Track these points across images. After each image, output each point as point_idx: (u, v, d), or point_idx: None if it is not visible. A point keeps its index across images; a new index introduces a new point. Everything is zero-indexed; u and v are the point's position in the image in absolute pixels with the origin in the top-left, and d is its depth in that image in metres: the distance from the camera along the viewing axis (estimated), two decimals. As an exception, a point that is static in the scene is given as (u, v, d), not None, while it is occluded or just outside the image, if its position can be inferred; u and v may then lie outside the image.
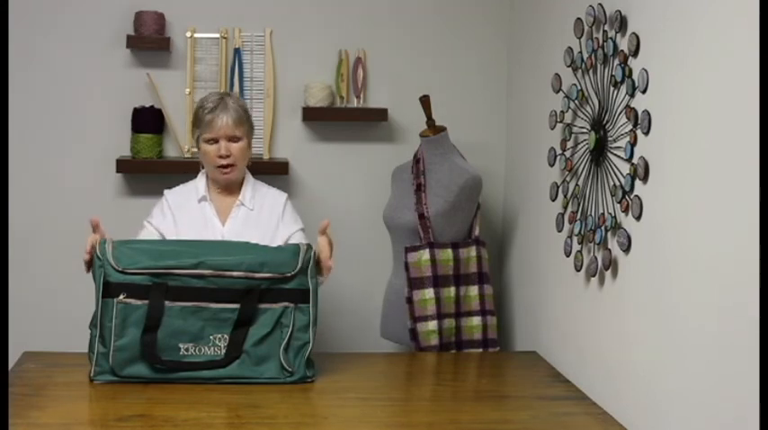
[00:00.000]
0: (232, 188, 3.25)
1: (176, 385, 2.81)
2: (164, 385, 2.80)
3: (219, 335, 2.84)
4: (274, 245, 3.05)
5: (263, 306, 2.85)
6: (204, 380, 2.82)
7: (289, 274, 2.86)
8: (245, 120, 3.22)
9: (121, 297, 2.79)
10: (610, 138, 2.74)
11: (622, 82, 2.64)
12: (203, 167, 3.28)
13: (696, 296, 2.25)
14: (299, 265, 2.87)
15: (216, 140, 3.17)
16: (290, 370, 2.85)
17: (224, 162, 3.17)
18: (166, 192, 3.28)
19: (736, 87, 2.07)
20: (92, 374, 2.82)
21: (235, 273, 2.83)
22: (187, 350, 2.83)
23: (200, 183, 3.26)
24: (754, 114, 1.96)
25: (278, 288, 2.86)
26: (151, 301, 2.79)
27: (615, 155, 2.70)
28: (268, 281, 2.84)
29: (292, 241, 3.18)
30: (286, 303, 2.87)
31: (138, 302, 2.80)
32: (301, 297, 2.87)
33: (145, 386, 2.81)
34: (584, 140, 2.92)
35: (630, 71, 2.60)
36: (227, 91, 3.54)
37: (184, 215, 3.20)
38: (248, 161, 3.29)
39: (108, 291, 2.81)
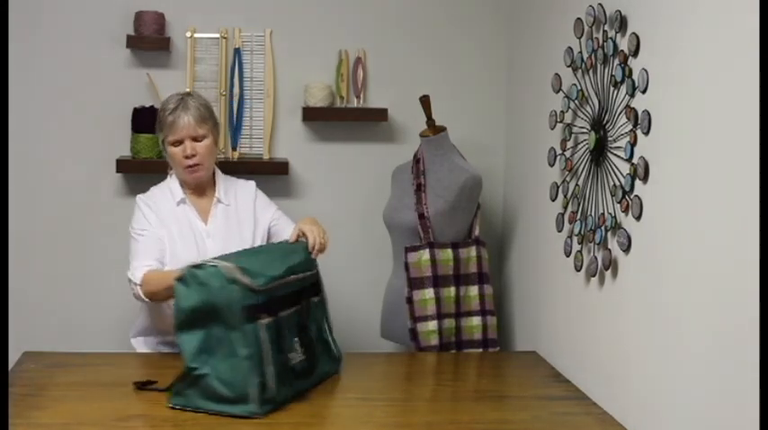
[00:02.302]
0: (205, 187, 3.20)
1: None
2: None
3: (296, 339, 2.74)
4: (258, 234, 3.15)
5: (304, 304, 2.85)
6: (312, 385, 2.79)
7: (313, 271, 2.92)
8: (207, 118, 3.13)
9: (265, 319, 2.61)
10: (610, 138, 2.74)
11: (622, 82, 2.64)
12: (171, 170, 3.22)
13: (696, 296, 2.25)
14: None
15: (180, 142, 3.09)
16: (337, 356, 2.94)
17: (190, 162, 3.10)
18: (141, 197, 3.19)
19: (737, 87, 2.06)
20: (260, 412, 2.57)
21: (290, 278, 2.77)
22: (293, 359, 2.72)
23: (173, 186, 3.18)
24: (754, 114, 1.96)
25: (308, 285, 2.88)
26: (277, 317, 2.66)
27: (615, 155, 2.70)
28: (303, 280, 2.85)
29: (278, 224, 3.22)
30: (314, 297, 2.89)
31: (269, 320, 2.63)
32: (315, 289, 2.92)
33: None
34: (584, 140, 2.92)
35: (630, 71, 2.60)
36: (188, 90, 3.38)
37: (165, 218, 3.14)
38: (216, 159, 3.24)
39: (249, 313, 2.58)
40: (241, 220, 3.18)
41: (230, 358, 2.57)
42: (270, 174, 3.75)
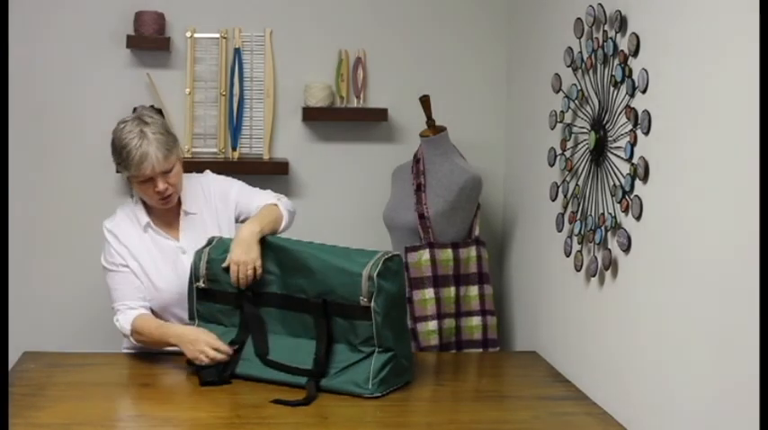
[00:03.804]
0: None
1: (176, 385, 2.81)
2: (164, 385, 2.81)
3: None
4: (231, 228, 3.07)
5: None
6: None
7: None
8: (171, 146, 2.93)
9: None
10: (610, 138, 2.74)
11: (622, 82, 2.64)
12: (134, 195, 3.08)
13: (696, 295, 2.25)
14: None
15: (150, 178, 2.91)
16: None
17: (165, 195, 2.94)
18: (107, 227, 3.06)
19: (737, 87, 2.06)
20: None
21: None
22: None
23: (138, 212, 3.05)
24: (754, 114, 1.96)
25: None
26: None
27: (615, 155, 2.70)
28: None
29: (242, 203, 3.08)
30: None
31: None
32: None
33: (145, 386, 2.81)
34: (585, 140, 2.92)
35: (630, 71, 2.60)
36: (139, 114, 3.01)
37: (135, 249, 3.04)
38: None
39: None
40: (212, 225, 3.07)
41: (404, 333, 2.90)
42: (270, 174, 3.75)
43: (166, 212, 3.05)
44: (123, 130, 2.93)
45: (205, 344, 2.81)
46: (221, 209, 3.09)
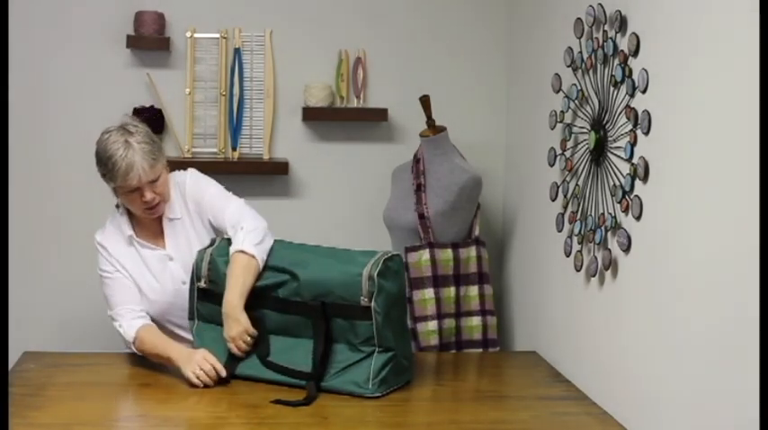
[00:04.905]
0: None
1: (176, 385, 2.81)
2: (164, 385, 2.81)
3: None
4: (211, 229, 3.05)
5: None
6: None
7: None
8: (156, 153, 2.90)
9: None
10: (610, 138, 2.74)
11: (622, 82, 2.64)
12: (119, 205, 3.06)
13: (696, 296, 2.25)
14: None
15: (137, 188, 2.89)
16: None
17: (152, 204, 2.93)
18: (98, 239, 3.07)
19: (737, 87, 2.07)
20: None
21: None
22: None
23: (123, 225, 3.04)
24: (754, 114, 1.96)
25: None
26: None
27: (615, 155, 2.70)
28: None
29: (214, 213, 3.03)
30: None
31: None
32: None
33: (145, 386, 2.81)
34: (584, 140, 2.92)
35: (630, 71, 2.60)
36: (123, 123, 2.97)
37: (123, 260, 3.04)
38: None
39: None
40: (194, 229, 3.06)
41: (404, 333, 2.91)
42: (270, 174, 3.75)
43: (150, 220, 3.04)
44: (108, 141, 2.92)
45: (201, 357, 2.80)
46: (196, 211, 3.06)
